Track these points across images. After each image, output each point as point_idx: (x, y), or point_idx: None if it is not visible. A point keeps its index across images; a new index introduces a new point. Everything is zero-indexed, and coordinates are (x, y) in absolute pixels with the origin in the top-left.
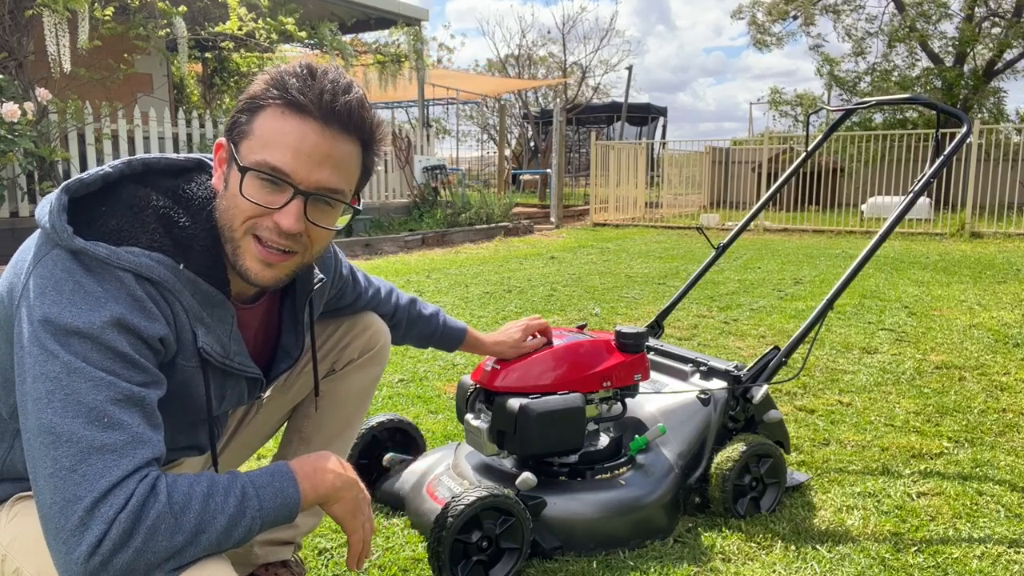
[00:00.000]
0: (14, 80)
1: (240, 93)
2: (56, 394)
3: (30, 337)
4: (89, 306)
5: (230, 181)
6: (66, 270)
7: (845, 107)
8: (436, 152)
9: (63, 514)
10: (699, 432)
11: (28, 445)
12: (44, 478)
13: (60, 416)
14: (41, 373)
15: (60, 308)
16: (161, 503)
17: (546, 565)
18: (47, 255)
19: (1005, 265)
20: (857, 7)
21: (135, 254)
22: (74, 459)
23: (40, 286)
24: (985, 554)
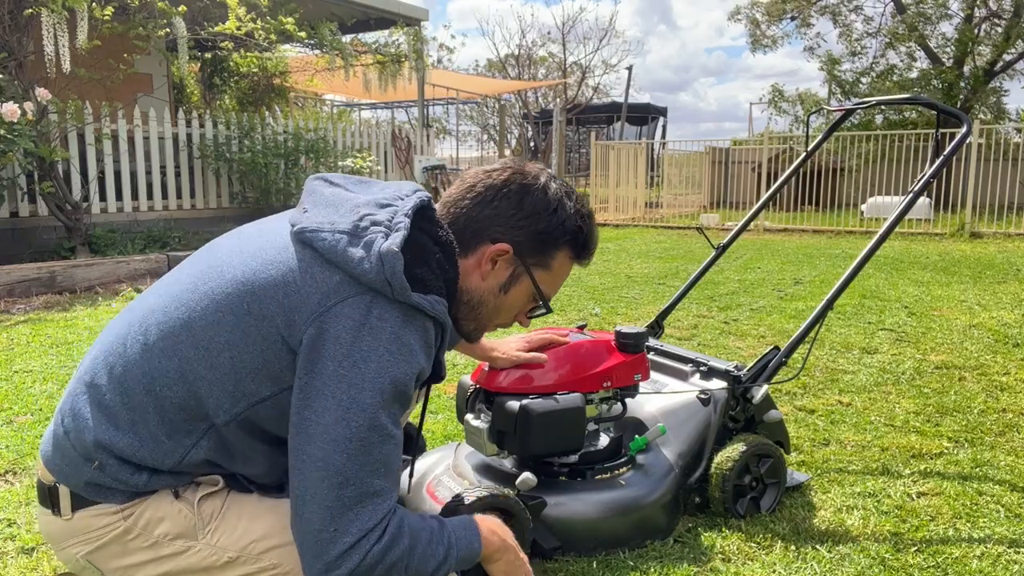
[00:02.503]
0: (14, 80)
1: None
2: (353, 442)
3: (335, 376)
4: (405, 360)
5: (514, 293)
6: (385, 319)
7: (845, 107)
8: (436, 152)
9: (332, 541)
10: (699, 432)
11: (303, 469)
12: (321, 508)
13: (352, 462)
14: (343, 419)
15: (378, 360)
16: (404, 545)
17: (546, 565)
18: (358, 296)
19: (1005, 265)
20: (855, 7)
21: (439, 303)
22: (353, 500)
23: (355, 330)
24: (985, 554)
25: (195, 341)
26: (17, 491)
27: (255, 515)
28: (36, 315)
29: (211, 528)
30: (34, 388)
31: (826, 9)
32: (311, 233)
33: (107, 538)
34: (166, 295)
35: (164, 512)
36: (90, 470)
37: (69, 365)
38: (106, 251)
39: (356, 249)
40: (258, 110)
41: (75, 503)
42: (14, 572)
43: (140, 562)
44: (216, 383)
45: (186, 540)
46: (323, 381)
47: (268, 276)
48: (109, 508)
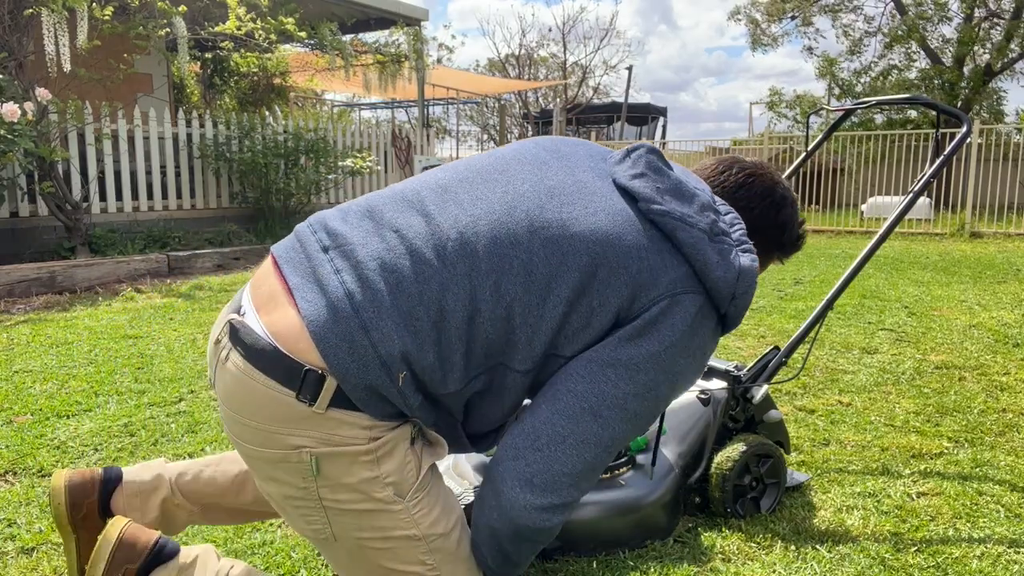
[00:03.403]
0: (14, 80)
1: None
2: (638, 420)
3: (655, 358)
4: (701, 363)
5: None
6: (708, 326)
7: (845, 107)
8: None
9: (568, 487)
10: (699, 432)
11: (578, 416)
12: (579, 458)
13: (623, 437)
14: (641, 397)
15: (690, 360)
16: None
17: (546, 565)
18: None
19: (1005, 265)
20: (855, 7)
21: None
22: (600, 467)
23: (689, 325)
24: (985, 554)
25: (532, 286)
26: (17, 491)
27: (448, 510)
28: (36, 315)
29: (419, 497)
30: (34, 388)
31: (826, 9)
32: (675, 220)
33: (346, 448)
34: (476, 210)
35: (398, 453)
36: (387, 381)
37: (69, 365)
38: (106, 251)
39: (713, 253)
40: (258, 110)
41: (336, 399)
42: (14, 572)
43: (352, 486)
44: (537, 334)
45: (396, 493)
46: (642, 356)
47: (623, 245)
48: (363, 419)
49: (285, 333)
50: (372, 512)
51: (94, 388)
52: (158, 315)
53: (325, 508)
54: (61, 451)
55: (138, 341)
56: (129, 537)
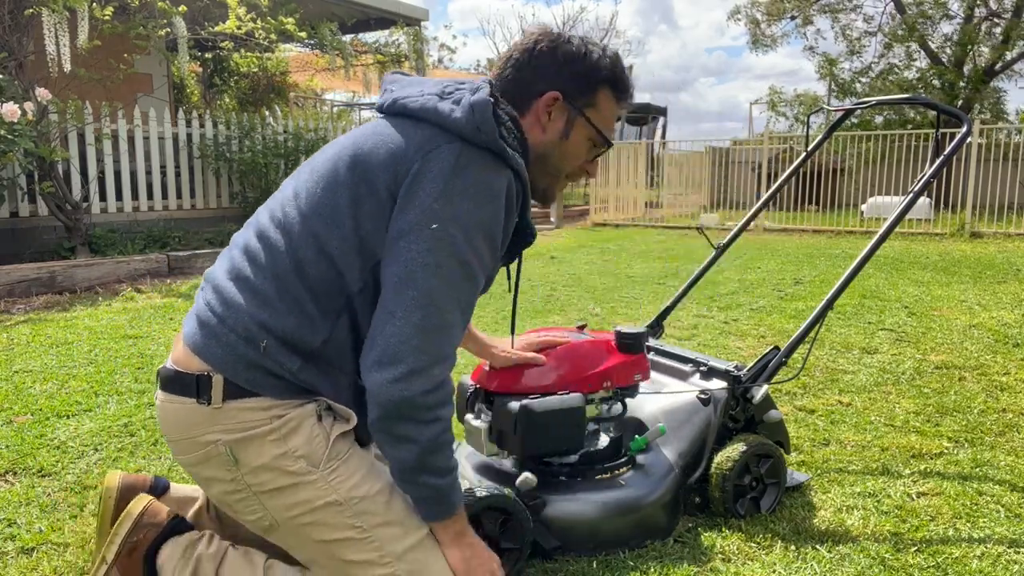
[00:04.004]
0: (14, 80)
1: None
2: (442, 269)
3: (430, 211)
4: (490, 203)
5: (575, 136)
6: (473, 165)
7: (845, 107)
8: None
9: (411, 354)
10: (699, 432)
11: (394, 289)
12: (407, 323)
13: (440, 288)
14: (434, 247)
15: (468, 200)
16: (449, 413)
17: (546, 565)
18: (450, 144)
19: (1005, 265)
20: (855, 7)
21: (517, 157)
22: (436, 326)
23: (449, 172)
24: (985, 554)
25: (323, 219)
26: (17, 491)
27: (371, 475)
28: (36, 315)
29: (333, 466)
30: (34, 388)
31: (826, 9)
32: (402, 100)
33: (252, 432)
34: (291, 192)
35: (304, 428)
36: (255, 352)
37: (69, 365)
38: (106, 251)
39: (445, 104)
40: (258, 110)
41: (228, 392)
42: (14, 572)
43: (269, 467)
44: (348, 251)
45: (309, 464)
46: (417, 215)
47: (370, 147)
48: (262, 402)
49: (180, 358)
50: (293, 487)
51: (94, 388)
52: (158, 315)
53: (255, 494)
54: (61, 451)
55: (138, 341)
56: (151, 510)
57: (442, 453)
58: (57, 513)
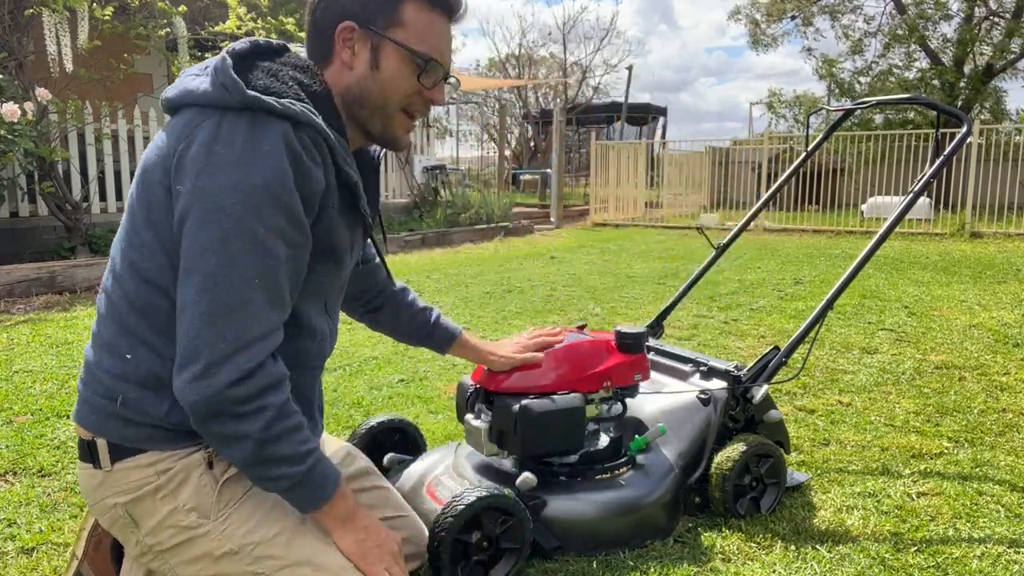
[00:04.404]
0: (14, 80)
1: None
2: (221, 245)
3: (196, 190)
4: (263, 164)
5: (385, 64)
6: (236, 130)
7: (845, 107)
8: (436, 152)
9: (208, 347)
10: (699, 432)
11: (182, 283)
12: (197, 314)
13: (222, 267)
14: (207, 225)
15: (233, 167)
16: (280, 398)
17: (546, 565)
18: (207, 120)
19: (1005, 265)
20: (855, 7)
21: (296, 104)
22: (228, 307)
23: (207, 144)
24: (985, 554)
25: (132, 245)
26: (17, 491)
27: (267, 519)
28: (36, 315)
29: (225, 514)
30: (34, 388)
31: (826, 9)
32: (166, 96)
33: (143, 491)
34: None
35: (192, 479)
36: (116, 407)
37: (69, 365)
38: (106, 251)
39: (196, 80)
40: None
41: (113, 454)
42: (14, 572)
43: (164, 525)
44: (160, 268)
45: (200, 516)
46: (186, 199)
47: (148, 156)
48: (148, 458)
49: (76, 426)
50: (189, 541)
51: None
52: None
53: (159, 554)
54: (61, 451)
55: None
56: None
57: (284, 441)
58: (57, 513)
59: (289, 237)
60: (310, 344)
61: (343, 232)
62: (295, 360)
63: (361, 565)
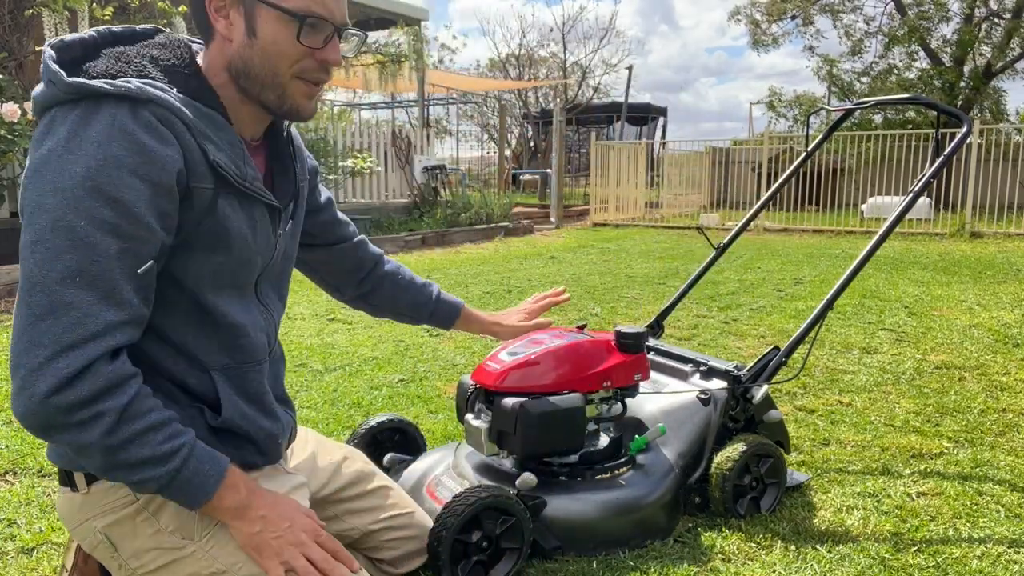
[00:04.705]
0: (14, 80)
1: None
2: (39, 246)
3: (24, 192)
4: (88, 154)
5: (262, 30)
6: (63, 124)
7: (845, 107)
8: (436, 152)
9: (25, 355)
10: (699, 432)
11: (17, 293)
12: (17, 322)
13: (38, 268)
14: (29, 225)
15: (56, 162)
16: (121, 400)
17: (546, 565)
18: (43, 120)
19: (1005, 265)
20: (855, 7)
21: (127, 81)
22: (44, 310)
23: (36, 143)
24: (985, 554)
25: None
26: (17, 491)
27: None
28: None
29: (208, 533)
30: None
31: (826, 8)
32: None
33: (121, 514)
34: None
35: (171, 502)
36: None
37: None
38: None
39: (38, 86)
40: None
41: (89, 477)
42: (14, 572)
43: (147, 548)
44: None
45: (183, 537)
46: (21, 204)
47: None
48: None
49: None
50: (174, 563)
51: None
52: None
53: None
54: None
55: None
56: None
57: (136, 445)
58: (57, 513)
59: (120, 229)
60: (239, 339)
61: (233, 214)
62: (227, 358)
63: (258, 560)
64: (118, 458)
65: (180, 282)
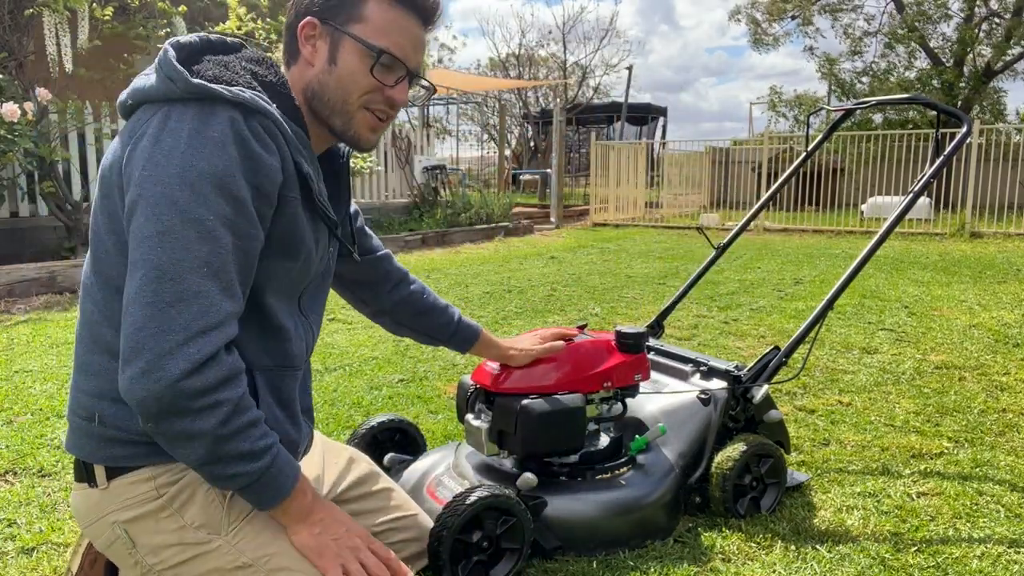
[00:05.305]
0: (14, 80)
1: None
2: (167, 237)
3: (142, 180)
4: (211, 152)
5: (342, 59)
6: (183, 119)
7: (845, 107)
8: (436, 152)
9: (154, 339)
10: (699, 432)
11: (129, 275)
12: (142, 305)
13: (167, 257)
14: (154, 216)
15: (180, 156)
16: (238, 392)
17: (546, 565)
18: (154, 115)
19: (1005, 265)
20: (855, 7)
21: (247, 91)
22: (173, 297)
23: (154, 136)
24: (985, 554)
25: (99, 256)
26: (17, 491)
27: (280, 530)
28: (36, 315)
29: (236, 528)
30: (34, 388)
31: (826, 8)
32: (118, 103)
33: (143, 509)
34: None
35: (198, 496)
36: (96, 427)
37: (69, 365)
38: None
39: (144, 79)
40: None
41: (109, 473)
42: (14, 572)
43: (168, 544)
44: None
45: (209, 532)
46: (136, 191)
47: (105, 161)
48: (142, 475)
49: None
50: (197, 558)
51: None
52: None
53: (161, 572)
54: (61, 451)
55: None
56: None
57: (241, 438)
58: (57, 513)
59: (237, 226)
60: (282, 343)
61: (306, 226)
62: (268, 359)
63: (317, 561)
64: (224, 448)
65: None
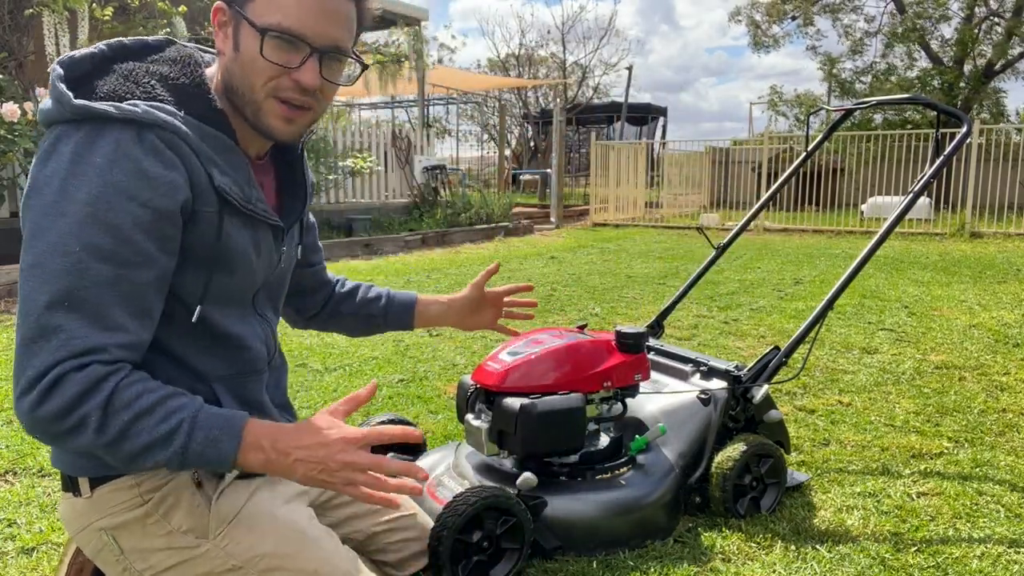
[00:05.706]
0: (14, 80)
1: None
2: (34, 271)
3: (24, 212)
4: (90, 179)
5: (242, 44)
6: (67, 144)
7: (845, 107)
8: (436, 152)
9: (19, 375)
10: (699, 432)
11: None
12: (18, 340)
13: (32, 292)
14: (28, 248)
15: (59, 184)
16: (99, 400)
17: (546, 565)
18: (47, 138)
19: (1005, 265)
20: (856, 7)
21: (135, 105)
22: (34, 333)
23: (41, 161)
24: (985, 554)
25: None
26: (17, 491)
27: (268, 530)
28: None
29: (223, 531)
30: None
31: (827, 8)
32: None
33: (129, 516)
34: None
35: (184, 501)
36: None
37: None
38: None
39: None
40: None
41: (92, 483)
42: (14, 572)
43: (156, 548)
44: None
45: (197, 536)
46: (22, 217)
47: None
48: (125, 482)
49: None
50: (186, 562)
51: None
52: None
53: None
54: None
55: None
56: None
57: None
58: (57, 513)
59: (118, 256)
60: (238, 351)
61: (240, 235)
62: (225, 368)
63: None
64: (123, 451)
65: (182, 298)
